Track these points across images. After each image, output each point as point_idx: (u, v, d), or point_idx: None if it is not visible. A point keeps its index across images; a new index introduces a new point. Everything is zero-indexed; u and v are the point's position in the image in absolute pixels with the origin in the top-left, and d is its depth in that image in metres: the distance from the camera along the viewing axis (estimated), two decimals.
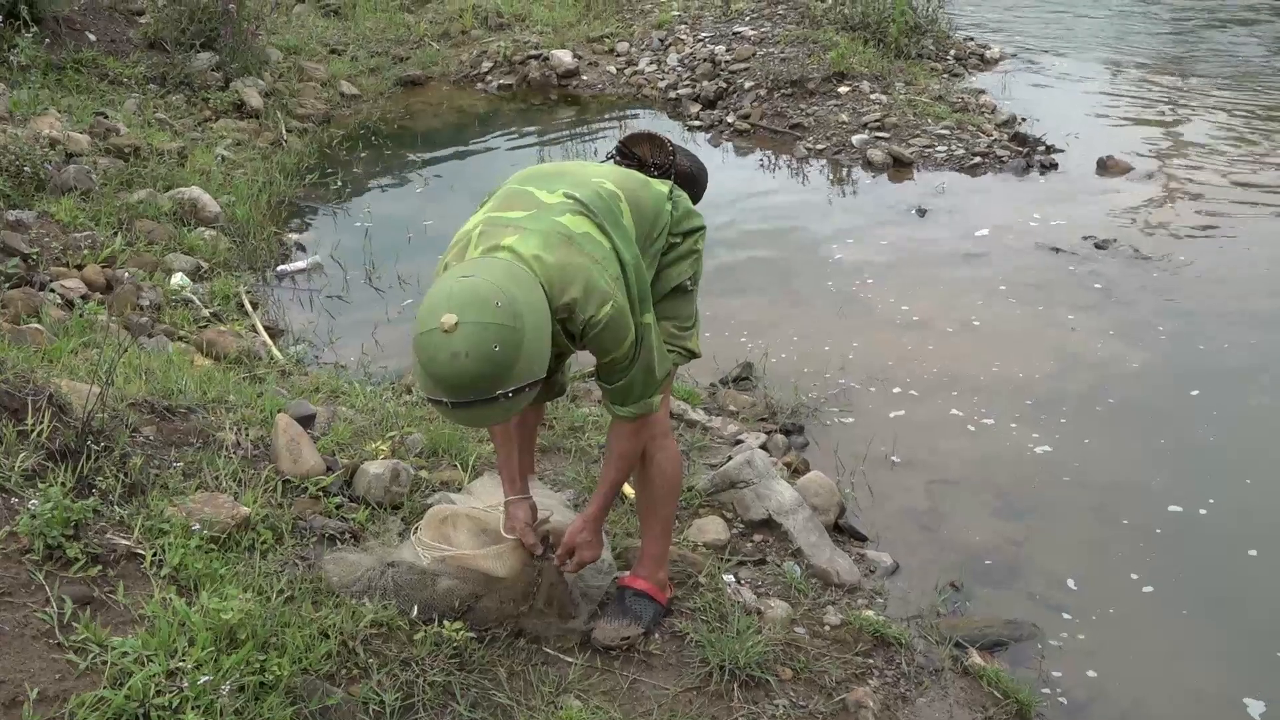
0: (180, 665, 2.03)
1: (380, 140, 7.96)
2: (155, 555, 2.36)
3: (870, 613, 2.92)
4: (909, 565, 3.34)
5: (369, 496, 2.94)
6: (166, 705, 1.95)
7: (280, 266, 5.63)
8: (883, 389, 4.44)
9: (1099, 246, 5.78)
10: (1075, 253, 5.73)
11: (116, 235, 5.13)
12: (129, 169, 5.95)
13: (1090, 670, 2.95)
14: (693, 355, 2.66)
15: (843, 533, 3.45)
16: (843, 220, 6.41)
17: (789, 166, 7.43)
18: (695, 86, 8.80)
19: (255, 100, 7.78)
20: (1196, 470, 3.84)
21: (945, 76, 8.94)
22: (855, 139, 7.54)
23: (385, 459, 3.08)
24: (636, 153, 2.80)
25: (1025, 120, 7.87)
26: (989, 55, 9.82)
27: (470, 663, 2.43)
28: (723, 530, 3.19)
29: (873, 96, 8.13)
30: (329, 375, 4.21)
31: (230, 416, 3.19)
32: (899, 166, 7.23)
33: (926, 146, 7.40)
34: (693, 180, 2.82)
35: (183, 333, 4.46)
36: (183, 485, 2.68)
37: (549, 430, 3.68)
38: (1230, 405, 4.23)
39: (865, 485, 3.76)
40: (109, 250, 4.93)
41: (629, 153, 2.80)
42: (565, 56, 9.54)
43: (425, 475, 3.15)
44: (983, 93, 8.52)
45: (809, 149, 7.57)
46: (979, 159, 7.22)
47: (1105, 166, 7.06)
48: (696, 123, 8.30)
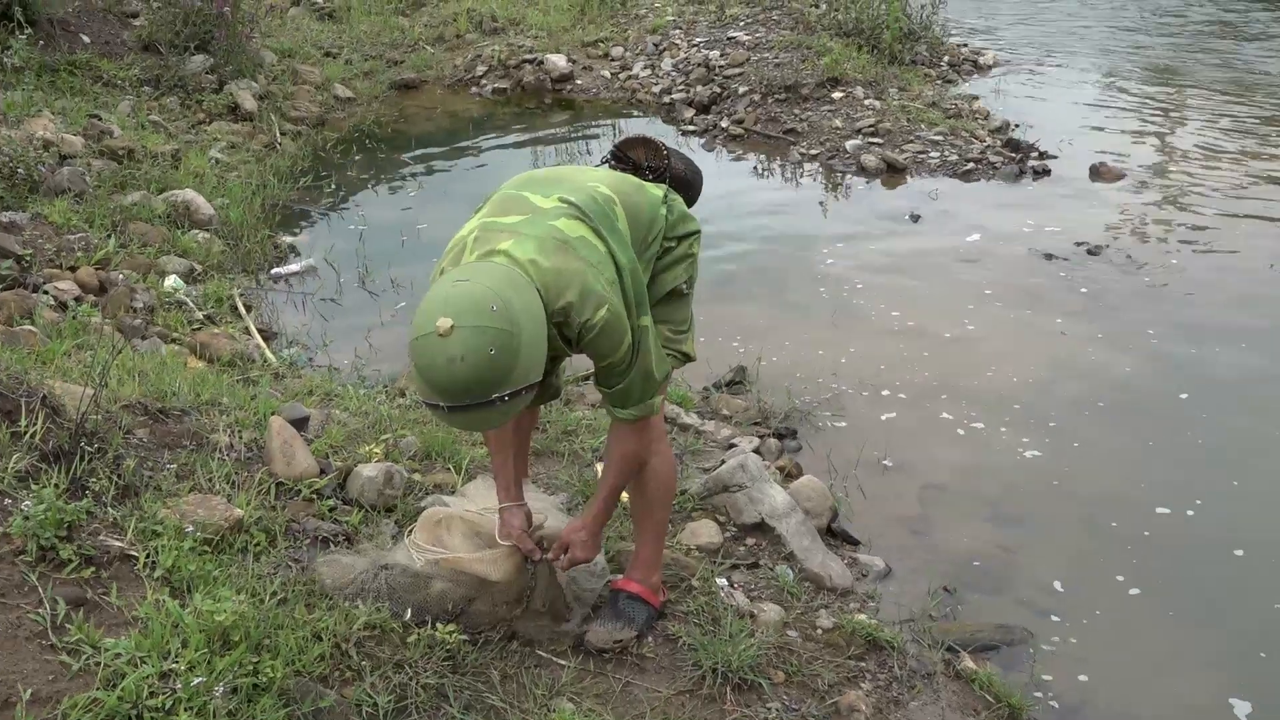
0: (173, 667, 2.03)
1: (374, 144, 7.96)
2: (148, 557, 2.36)
3: (862, 616, 2.93)
4: (901, 569, 3.35)
5: (362, 499, 2.94)
6: (160, 707, 1.95)
7: (274, 269, 5.63)
8: (875, 393, 4.45)
9: (1091, 253, 5.81)
10: (1067, 259, 5.76)
11: (110, 237, 5.12)
12: (123, 171, 5.95)
13: (1081, 674, 2.97)
14: (688, 359, 2.66)
15: (835, 536, 3.46)
16: (836, 225, 6.44)
17: (783, 172, 7.45)
18: (689, 91, 8.82)
19: (249, 103, 7.77)
20: (1185, 473, 3.87)
21: (939, 82, 8.98)
22: (849, 144, 7.57)
23: (379, 462, 3.08)
24: (631, 157, 2.81)
25: (1018, 126, 7.89)
26: (983, 61, 9.88)
27: (463, 665, 2.44)
28: (716, 534, 3.20)
29: (866, 102, 8.16)
30: (323, 378, 4.21)
31: (224, 419, 3.18)
32: (892, 172, 7.25)
33: (920, 152, 7.43)
34: (687, 184, 2.83)
35: (176, 335, 4.46)
36: (176, 487, 2.67)
37: (543, 434, 3.69)
38: (1219, 410, 4.26)
39: (857, 489, 3.78)
40: (102, 252, 4.92)
41: (624, 157, 2.81)
42: (560, 61, 9.55)
43: (419, 478, 3.16)
44: (976, 99, 8.57)
45: (803, 154, 7.59)
46: (972, 165, 7.25)
47: (1098, 173, 7.09)
48: (690, 127, 8.32)
